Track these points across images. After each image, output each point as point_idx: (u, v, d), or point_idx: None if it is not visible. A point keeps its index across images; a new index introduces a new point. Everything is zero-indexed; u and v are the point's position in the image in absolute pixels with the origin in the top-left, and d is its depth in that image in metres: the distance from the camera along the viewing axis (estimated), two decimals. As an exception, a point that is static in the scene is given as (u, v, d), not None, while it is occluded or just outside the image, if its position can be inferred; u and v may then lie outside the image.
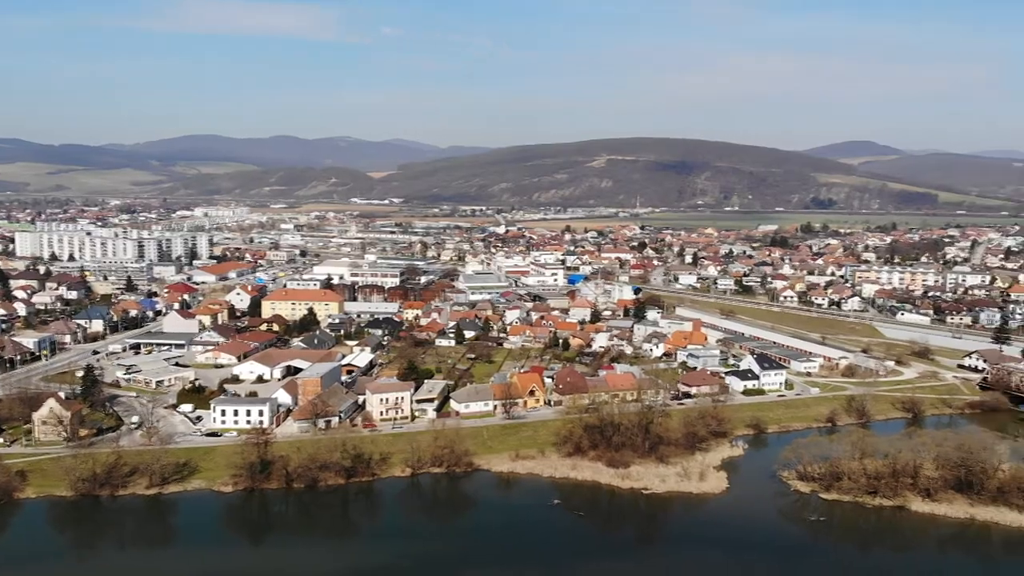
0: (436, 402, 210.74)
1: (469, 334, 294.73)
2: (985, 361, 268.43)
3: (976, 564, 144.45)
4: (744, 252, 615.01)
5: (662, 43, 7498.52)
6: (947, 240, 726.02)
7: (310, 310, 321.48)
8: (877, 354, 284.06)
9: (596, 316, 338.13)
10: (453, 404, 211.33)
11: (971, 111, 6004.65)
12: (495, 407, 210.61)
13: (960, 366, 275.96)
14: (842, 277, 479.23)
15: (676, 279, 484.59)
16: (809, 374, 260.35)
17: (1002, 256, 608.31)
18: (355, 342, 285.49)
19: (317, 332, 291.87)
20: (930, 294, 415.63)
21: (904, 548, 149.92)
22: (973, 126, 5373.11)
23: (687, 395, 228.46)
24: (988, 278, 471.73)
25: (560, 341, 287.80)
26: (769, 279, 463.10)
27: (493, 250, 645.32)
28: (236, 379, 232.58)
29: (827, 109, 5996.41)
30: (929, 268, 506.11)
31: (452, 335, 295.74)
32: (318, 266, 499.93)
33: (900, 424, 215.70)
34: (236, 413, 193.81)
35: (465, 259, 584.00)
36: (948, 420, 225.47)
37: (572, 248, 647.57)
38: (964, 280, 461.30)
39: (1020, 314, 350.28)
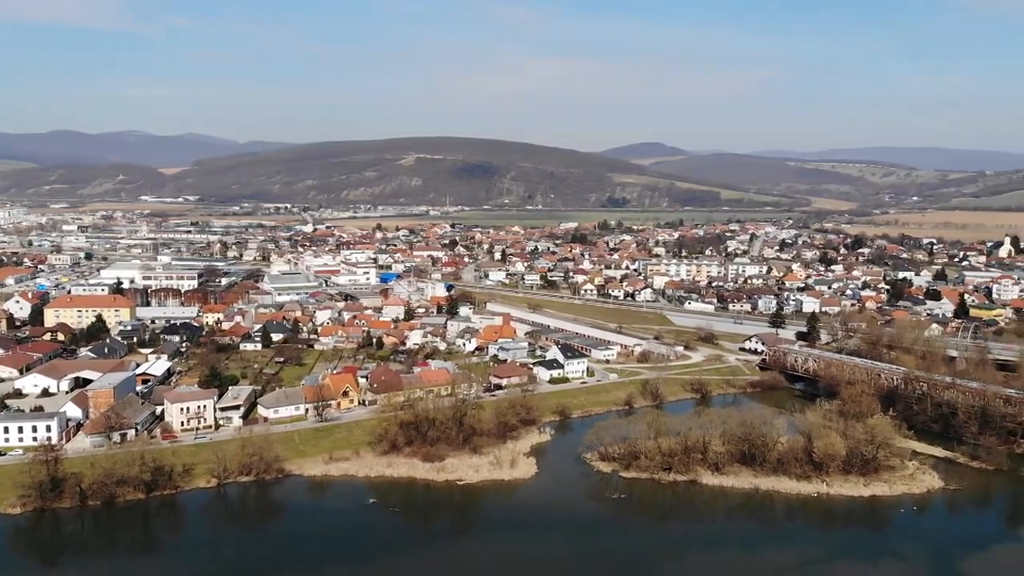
0: (242, 409, 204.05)
1: (277, 337, 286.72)
2: (763, 344, 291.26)
3: (761, 529, 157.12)
4: (548, 249, 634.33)
5: (465, 44, 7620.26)
6: (728, 234, 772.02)
7: (99, 317, 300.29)
8: (668, 340, 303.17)
9: (410, 314, 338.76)
10: (261, 410, 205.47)
11: (748, 114, 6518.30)
12: (307, 410, 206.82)
13: (742, 349, 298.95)
14: (636, 270, 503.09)
15: (486, 276, 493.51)
16: (608, 361, 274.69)
17: (777, 248, 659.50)
18: (150, 350, 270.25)
19: (107, 340, 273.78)
20: (714, 284, 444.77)
21: (697, 518, 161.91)
22: (751, 128, 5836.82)
23: (499, 387, 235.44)
24: (765, 268, 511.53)
25: (374, 340, 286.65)
26: (571, 274, 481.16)
27: (301, 249, 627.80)
28: (19, 393, 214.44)
29: (620, 112, 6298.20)
30: (713, 260, 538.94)
31: (258, 338, 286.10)
32: (106, 270, 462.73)
33: (690, 404, 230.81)
34: (20, 430, 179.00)
35: (270, 259, 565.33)
36: (732, 399, 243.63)
37: (384, 247, 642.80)
38: (744, 271, 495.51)
39: (793, 301, 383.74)
